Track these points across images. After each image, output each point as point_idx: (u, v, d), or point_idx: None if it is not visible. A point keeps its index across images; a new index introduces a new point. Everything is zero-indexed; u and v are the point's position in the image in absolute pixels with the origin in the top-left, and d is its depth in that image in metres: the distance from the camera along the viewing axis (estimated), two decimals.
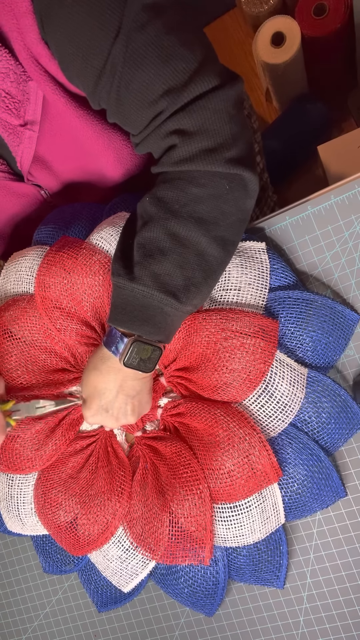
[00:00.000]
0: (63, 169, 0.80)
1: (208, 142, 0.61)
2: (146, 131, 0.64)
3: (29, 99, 0.68)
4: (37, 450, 0.77)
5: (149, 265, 0.63)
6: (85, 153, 0.76)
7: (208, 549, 0.71)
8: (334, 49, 1.38)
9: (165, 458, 0.73)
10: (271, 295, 0.73)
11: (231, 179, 0.63)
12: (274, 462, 0.68)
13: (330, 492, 0.72)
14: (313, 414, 0.72)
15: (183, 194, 0.63)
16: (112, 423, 0.72)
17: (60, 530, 0.78)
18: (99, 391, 0.70)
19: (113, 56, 0.59)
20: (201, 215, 0.63)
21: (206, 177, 0.62)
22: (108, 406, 0.71)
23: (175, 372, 0.74)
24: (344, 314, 0.73)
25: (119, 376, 0.69)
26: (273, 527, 0.72)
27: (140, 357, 0.66)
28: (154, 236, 0.63)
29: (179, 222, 0.63)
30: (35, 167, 0.78)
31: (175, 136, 0.62)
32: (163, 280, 0.63)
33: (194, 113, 0.61)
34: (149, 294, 0.63)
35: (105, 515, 0.75)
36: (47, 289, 0.75)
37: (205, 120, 0.61)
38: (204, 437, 0.71)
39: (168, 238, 0.63)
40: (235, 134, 0.63)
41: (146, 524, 0.73)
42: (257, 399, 0.70)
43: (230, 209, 0.64)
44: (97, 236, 0.76)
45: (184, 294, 0.64)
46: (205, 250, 0.64)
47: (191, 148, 0.62)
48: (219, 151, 0.62)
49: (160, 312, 0.64)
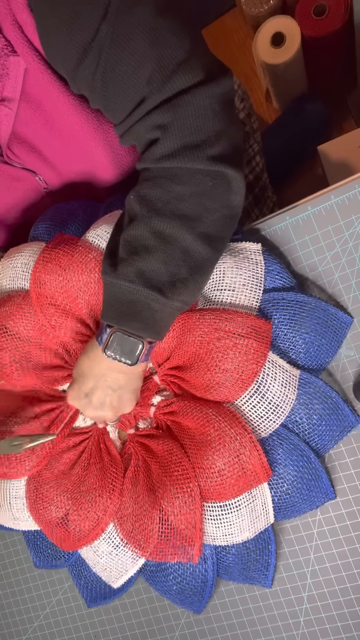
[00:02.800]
0: (51, 152, 0.78)
1: (190, 139, 0.60)
2: (129, 120, 0.63)
3: (8, 74, 0.66)
4: (33, 450, 0.77)
5: (134, 262, 0.63)
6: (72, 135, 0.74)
7: (197, 547, 0.71)
8: (334, 49, 1.38)
9: (157, 456, 0.74)
10: (265, 297, 0.73)
11: (214, 176, 0.62)
12: (264, 462, 0.69)
13: (319, 493, 0.73)
14: (304, 416, 0.72)
15: (165, 192, 0.62)
16: (89, 411, 0.73)
17: (51, 526, 0.78)
18: (84, 375, 0.71)
19: (100, 35, 0.57)
20: (184, 213, 0.62)
21: (188, 175, 0.62)
22: (89, 392, 0.72)
23: (168, 371, 0.74)
24: (337, 316, 0.73)
25: (103, 365, 0.69)
26: (262, 526, 0.72)
27: (121, 349, 0.66)
28: (139, 234, 0.63)
29: (162, 220, 0.62)
30: (20, 148, 0.76)
31: (158, 130, 0.61)
32: (148, 276, 0.63)
33: (178, 108, 0.60)
34: (134, 289, 0.64)
35: (96, 512, 0.75)
36: (42, 286, 0.76)
37: (188, 116, 0.60)
38: (196, 436, 0.71)
39: (152, 236, 0.63)
40: (219, 132, 0.61)
41: (136, 521, 0.74)
42: (249, 400, 0.70)
43: (214, 205, 0.63)
44: (93, 234, 0.76)
45: (169, 289, 0.64)
46: (190, 247, 0.63)
47: (173, 144, 0.61)
48: (201, 148, 0.61)
49: (148, 307, 0.64)
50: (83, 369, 0.72)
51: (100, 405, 0.72)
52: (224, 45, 1.61)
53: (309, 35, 1.32)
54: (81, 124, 0.72)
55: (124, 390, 0.71)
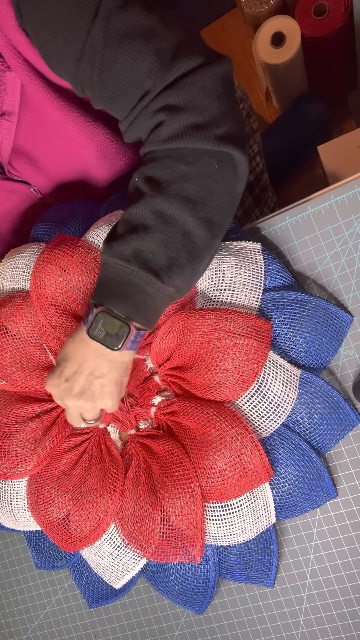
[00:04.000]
0: (48, 164, 0.78)
1: (196, 119, 0.60)
2: (133, 114, 0.62)
3: (5, 90, 0.67)
4: (34, 449, 0.77)
5: (131, 241, 0.61)
6: (67, 147, 0.75)
7: (199, 547, 0.71)
8: (334, 49, 1.38)
9: (158, 456, 0.74)
10: (265, 296, 0.73)
11: (220, 157, 0.61)
12: (266, 462, 0.69)
13: (321, 492, 0.73)
14: (305, 415, 0.72)
15: (171, 172, 0.61)
16: (68, 399, 0.68)
17: (52, 527, 0.78)
18: (66, 359, 0.67)
19: (92, 37, 0.58)
20: (188, 194, 0.61)
21: (194, 155, 0.61)
22: (70, 377, 0.67)
23: (169, 371, 0.74)
24: (337, 315, 0.73)
25: (87, 349, 0.66)
26: (264, 526, 0.72)
27: (106, 331, 0.63)
28: (139, 213, 0.62)
29: (165, 200, 0.61)
30: (19, 161, 0.76)
31: (162, 113, 0.60)
32: (145, 257, 0.61)
33: (181, 89, 0.59)
34: (129, 269, 0.61)
35: (97, 512, 0.75)
36: (42, 286, 0.76)
37: (194, 96, 0.59)
38: (197, 436, 0.71)
39: (153, 216, 0.61)
40: (225, 112, 0.61)
41: (138, 521, 0.73)
42: (250, 399, 0.70)
43: (219, 189, 0.62)
44: (93, 234, 0.76)
45: (166, 273, 0.62)
46: (192, 230, 0.62)
47: (179, 124, 0.60)
48: (208, 128, 0.60)
49: (141, 290, 0.62)
50: (66, 352, 0.67)
51: (80, 393, 0.67)
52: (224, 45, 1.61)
53: (309, 35, 1.32)
54: (75, 134, 0.73)
55: (107, 379, 0.67)
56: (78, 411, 0.70)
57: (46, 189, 0.83)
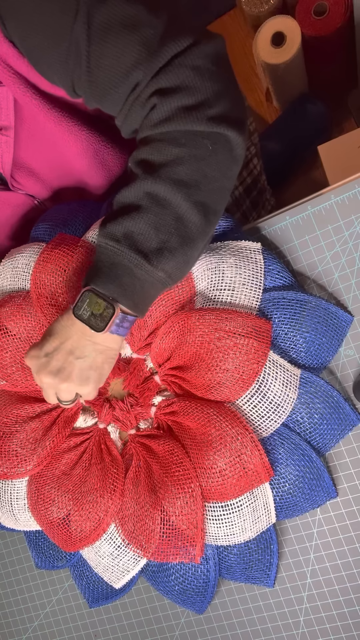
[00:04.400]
0: (48, 174, 0.78)
1: (188, 100, 0.58)
2: (126, 107, 0.61)
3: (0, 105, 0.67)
4: (34, 449, 0.77)
5: (122, 221, 0.60)
6: (64, 156, 0.75)
7: (199, 547, 0.71)
8: (334, 49, 1.38)
9: (158, 456, 0.74)
10: (266, 296, 0.73)
11: (215, 139, 0.59)
12: (266, 462, 0.69)
13: (321, 492, 0.73)
14: (305, 415, 0.72)
15: (163, 155, 0.59)
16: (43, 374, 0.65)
17: (52, 527, 0.78)
18: (51, 334, 0.65)
19: (75, 35, 0.57)
20: (181, 177, 0.59)
21: (187, 137, 0.59)
22: (50, 352, 0.65)
23: (169, 371, 0.74)
24: (337, 315, 0.73)
25: (72, 328, 0.64)
26: (264, 526, 0.72)
27: (91, 311, 0.61)
28: (131, 194, 0.61)
29: (157, 182, 0.59)
30: (20, 174, 0.77)
31: (154, 97, 0.59)
32: (136, 238, 0.60)
33: (171, 72, 0.58)
34: (119, 250, 0.60)
35: (97, 512, 0.75)
36: (42, 286, 0.76)
37: (184, 77, 0.57)
38: (197, 436, 0.71)
39: (145, 197, 0.60)
40: (218, 91, 0.59)
41: (138, 521, 0.73)
42: (250, 399, 0.70)
43: (213, 173, 0.60)
44: (93, 234, 0.76)
45: (155, 256, 0.60)
46: (185, 214, 0.60)
47: (170, 107, 0.58)
48: (200, 109, 0.58)
49: (130, 273, 0.61)
50: (52, 328, 0.66)
51: (56, 371, 0.64)
52: None
53: (309, 35, 1.32)
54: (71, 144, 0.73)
55: (87, 362, 0.65)
56: (52, 389, 0.68)
57: (48, 199, 0.84)
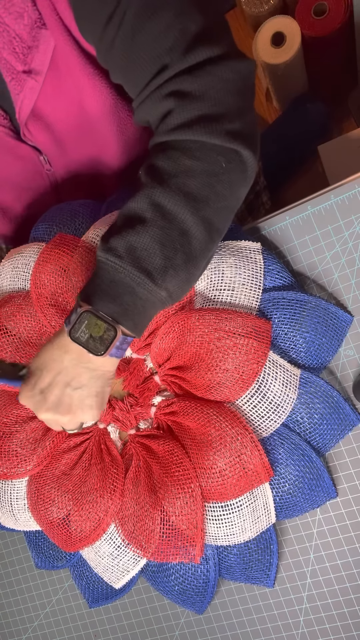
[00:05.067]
0: (65, 134, 0.75)
1: (208, 110, 0.56)
2: (145, 91, 0.59)
3: (38, 47, 0.64)
4: (34, 449, 0.77)
5: (126, 236, 0.57)
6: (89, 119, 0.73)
7: (199, 547, 0.71)
8: (334, 49, 1.38)
9: (158, 456, 0.74)
10: (265, 296, 0.73)
11: (229, 157, 0.57)
12: (266, 462, 0.69)
13: (321, 492, 0.73)
14: (305, 415, 0.72)
15: (174, 165, 0.57)
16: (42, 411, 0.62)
17: (52, 527, 0.78)
18: (42, 367, 0.61)
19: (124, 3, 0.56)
20: (190, 190, 0.57)
21: (202, 150, 0.57)
22: (45, 388, 0.61)
23: (169, 371, 0.74)
24: (337, 315, 0.73)
25: (66, 356, 0.60)
26: (264, 526, 0.72)
27: (90, 334, 0.57)
28: (137, 206, 0.58)
29: (165, 193, 0.57)
30: (34, 124, 0.73)
31: (173, 99, 0.57)
32: (139, 254, 0.56)
33: (198, 77, 0.56)
34: (120, 267, 0.57)
35: (97, 512, 0.75)
36: (42, 286, 0.76)
37: (210, 86, 0.56)
38: (197, 436, 0.71)
39: (151, 208, 0.57)
40: (240, 109, 0.57)
41: (138, 521, 0.73)
42: (250, 399, 0.70)
43: (224, 191, 0.58)
44: (93, 234, 0.76)
45: (160, 274, 0.57)
46: (190, 230, 0.57)
47: (189, 113, 0.56)
48: (220, 122, 0.56)
49: (131, 292, 0.57)
50: (43, 360, 0.61)
51: (54, 406, 0.61)
52: None
53: (309, 35, 1.32)
54: (99, 105, 0.70)
55: (86, 391, 0.61)
56: (56, 424, 0.66)
57: (57, 160, 0.79)
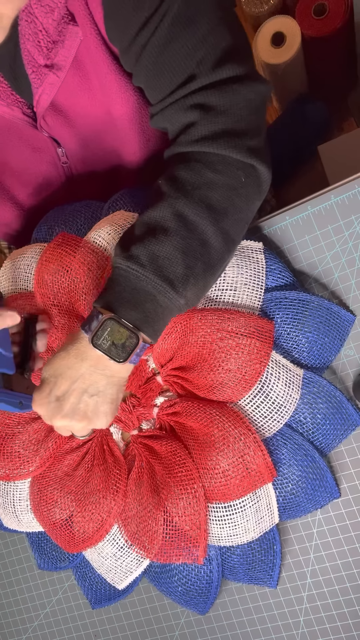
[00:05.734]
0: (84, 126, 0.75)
1: (232, 125, 0.60)
2: (169, 99, 0.62)
3: (63, 42, 0.64)
4: (36, 450, 0.77)
5: (148, 244, 0.58)
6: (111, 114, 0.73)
7: (202, 548, 0.71)
8: (334, 49, 1.38)
9: (160, 457, 0.74)
10: (268, 296, 0.73)
11: (247, 172, 0.61)
12: (269, 462, 0.69)
13: (324, 492, 0.73)
14: (308, 415, 0.72)
15: (198, 177, 0.60)
16: (57, 419, 0.62)
17: (55, 528, 0.78)
18: (58, 375, 0.61)
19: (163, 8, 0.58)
20: (212, 202, 0.59)
21: (224, 164, 0.60)
22: (61, 396, 0.61)
23: (171, 372, 0.74)
24: (339, 314, 0.73)
25: (84, 363, 0.60)
26: (267, 526, 0.72)
27: (112, 340, 0.58)
28: (160, 215, 0.59)
29: (189, 203, 0.59)
30: (53, 117, 0.73)
31: (197, 112, 0.60)
32: (161, 263, 0.58)
33: (225, 93, 0.59)
34: (143, 275, 0.58)
35: (100, 513, 0.75)
36: (45, 286, 0.76)
37: (234, 103, 0.59)
38: (200, 437, 0.71)
39: (175, 218, 0.59)
40: (258, 127, 0.62)
41: (141, 522, 0.73)
42: (253, 399, 0.70)
43: (241, 204, 0.61)
44: (95, 234, 0.76)
45: (182, 283, 0.58)
46: (210, 240, 0.60)
47: (214, 127, 0.59)
48: (242, 137, 0.60)
49: (152, 299, 0.59)
50: (58, 368, 0.61)
51: (71, 413, 0.61)
52: None
53: (309, 35, 1.32)
54: (122, 102, 0.71)
55: (102, 398, 0.62)
56: (66, 431, 0.66)
57: (75, 154, 0.80)
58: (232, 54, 0.59)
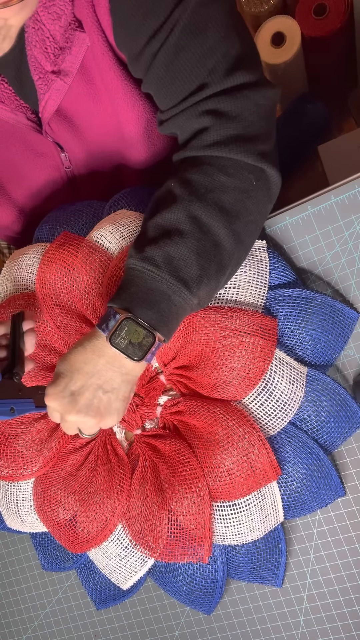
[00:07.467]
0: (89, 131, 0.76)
1: (244, 131, 0.61)
2: (180, 106, 0.63)
3: (70, 48, 0.65)
4: (40, 450, 0.77)
5: (164, 246, 0.59)
6: (117, 120, 0.74)
7: (207, 547, 0.71)
8: (334, 49, 1.38)
9: (164, 456, 0.73)
10: (271, 294, 0.73)
11: (258, 175, 0.62)
12: (273, 461, 0.68)
13: (329, 490, 0.72)
14: (312, 413, 0.72)
15: (210, 180, 0.61)
16: (71, 414, 0.62)
17: (59, 528, 0.78)
18: (74, 370, 0.62)
19: (174, 18, 0.59)
20: (224, 205, 0.61)
21: (235, 168, 0.61)
22: (76, 391, 0.61)
23: (175, 370, 0.74)
24: (343, 312, 0.73)
25: (100, 360, 0.61)
26: (272, 525, 0.72)
27: (129, 340, 0.59)
28: (174, 217, 0.61)
29: (202, 206, 0.60)
30: (58, 122, 0.74)
31: (209, 117, 0.61)
32: (176, 264, 0.59)
33: (236, 99, 0.60)
34: (158, 276, 0.59)
35: (104, 513, 0.75)
36: (47, 286, 0.76)
37: (245, 109, 0.61)
38: (204, 436, 0.71)
39: (189, 221, 0.60)
40: (269, 132, 0.63)
41: (145, 521, 0.73)
42: (257, 398, 0.70)
43: (252, 206, 0.63)
44: (97, 234, 0.76)
45: (196, 283, 0.60)
46: (222, 242, 0.61)
47: (226, 132, 0.61)
48: (253, 142, 0.61)
49: (167, 299, 0.60)
50: (74, 363, 0.62)
51: (85, 408, 0.62)
52: None
53: (309, 35, 1.32)
54: (128, 108, 0.72)
55: (115, 395, 0.62)
56: (77, 425, 0.65)
57: (78, 159, 0.80)
58: (242, 61, 0.60)
